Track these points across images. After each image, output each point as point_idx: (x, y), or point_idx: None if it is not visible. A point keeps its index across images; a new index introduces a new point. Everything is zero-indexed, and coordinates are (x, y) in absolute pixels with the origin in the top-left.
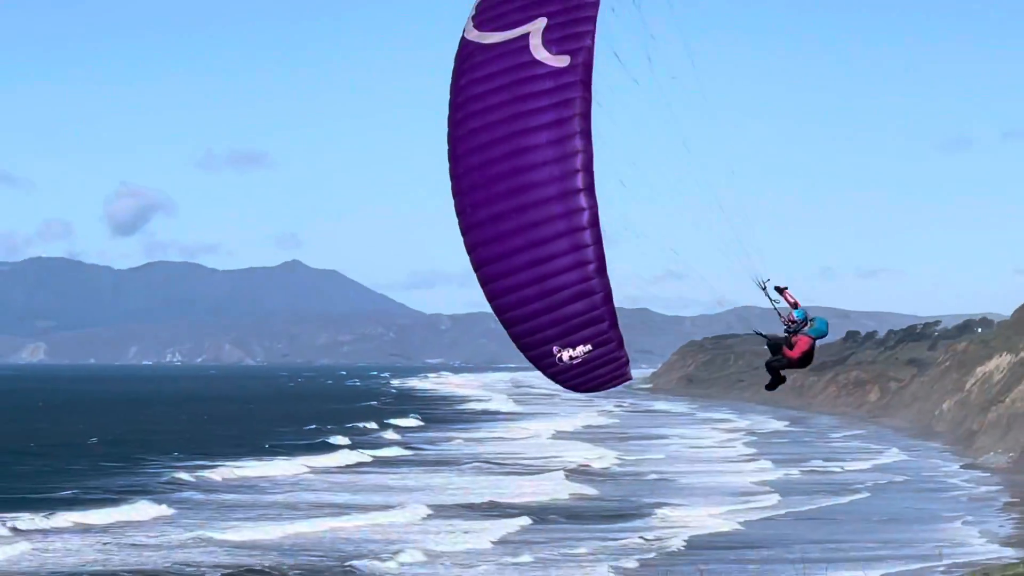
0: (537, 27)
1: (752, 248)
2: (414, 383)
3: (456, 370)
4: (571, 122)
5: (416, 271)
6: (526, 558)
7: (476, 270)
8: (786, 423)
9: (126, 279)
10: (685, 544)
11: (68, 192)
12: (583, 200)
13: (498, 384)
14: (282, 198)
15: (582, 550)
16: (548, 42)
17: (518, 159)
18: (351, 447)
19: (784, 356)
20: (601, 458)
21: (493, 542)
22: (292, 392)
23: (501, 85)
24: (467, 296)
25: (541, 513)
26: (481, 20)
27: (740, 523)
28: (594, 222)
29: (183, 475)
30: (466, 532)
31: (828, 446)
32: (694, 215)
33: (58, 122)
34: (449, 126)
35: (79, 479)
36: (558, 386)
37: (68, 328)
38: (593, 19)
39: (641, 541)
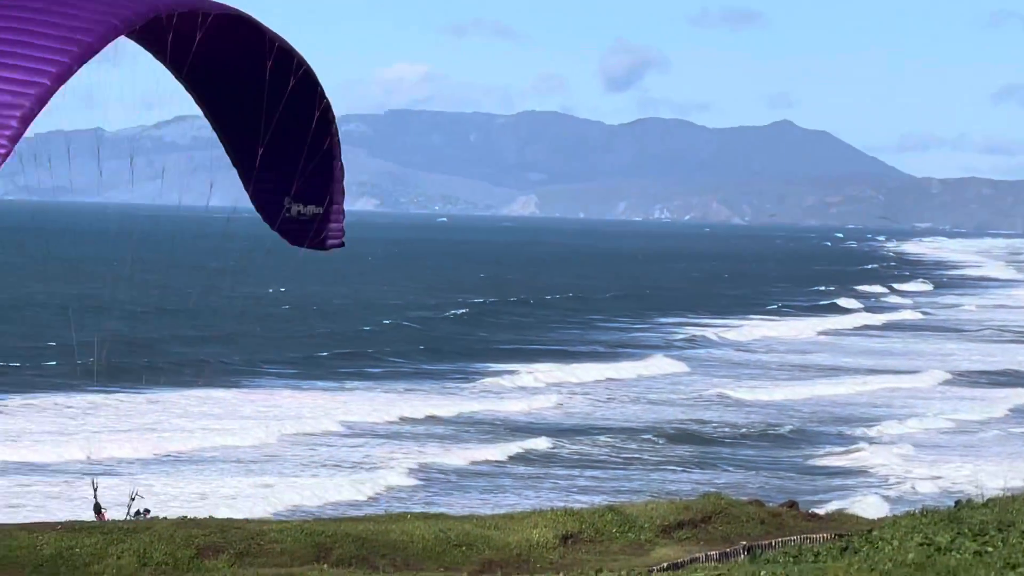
0: None
1: None
2: (908, 247)
3: (949, 235)
4: None
5: (908, 133)
6: None
7: None
8: None
9: (617, 134)
10: None
11: (563, 47)
12: None
13: (993, 250)
14: (775, 57)
15: None
16: None
17: None
18: (861, 310)
19: None
20: None
21: (1009, 411)
22: (790, 253)
23: None
24: (959, 160)
25: None
26: None
27: None
28: None
29: (695, 332)
30: (982, 400)
31: None
32: None
33: None
34: None
35: (595, 331)
36: None
37: (559, 182)
38: None
39: None
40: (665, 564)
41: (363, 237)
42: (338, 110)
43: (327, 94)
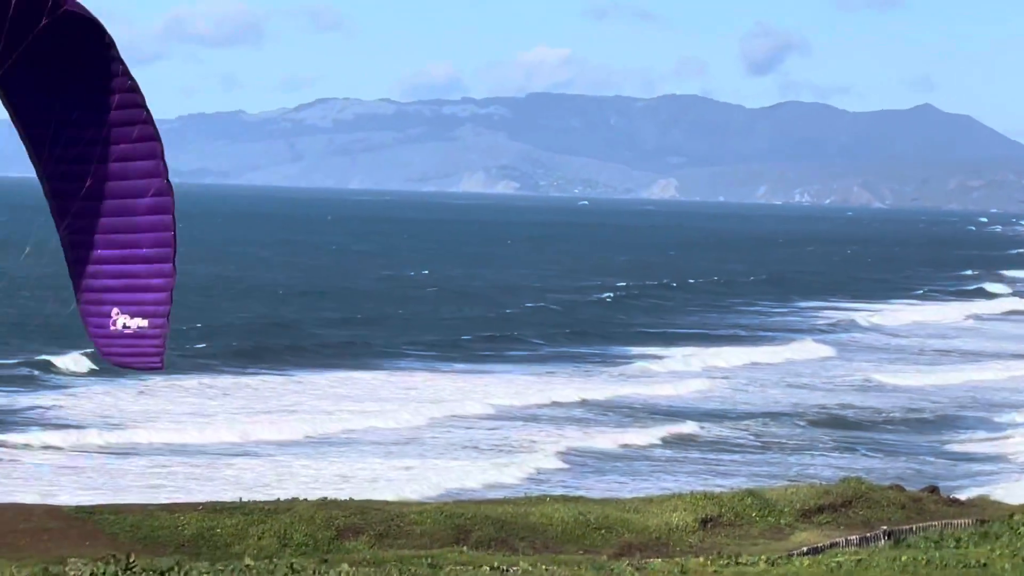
0: None
1: None
2: None
3: None
4: None
5: None
6: None
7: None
8: None
9: (757, 118)
10: None
11: (704, 30)
12: None
13: None
14: (917, 40)
15: None
16: None
17: None
18: (1009, 295)
19: None
20: None
21: None
22: (933, 237)
23: None
24: None
25: None
26: None
27: None
28: None
29: (840, 316)
30: None
31: None
32: None
33: None
34: None
35: (738, 315)
36: None
37: (698, 165)
38: None
39: None
40: (805, 548)
41: (505, 220)
42: (479, 93)
43: (469, 76)
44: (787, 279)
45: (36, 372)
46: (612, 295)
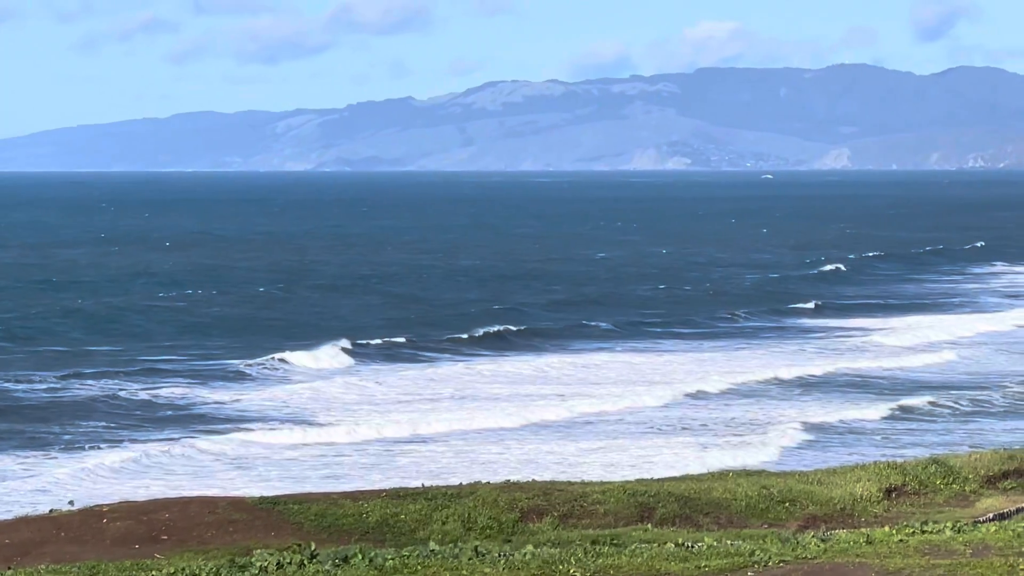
0: None
1: None
2: None
3: None
4: None
5: None
6: None
7: None
8: None
9: (928, 84)
10: None
11: None
12: None
13: None
14: None
15: None
16: None
17: None
18: None
19: None
20: None
21: None
22: None
23: None
24: None
25: None
26: None
27: None
28: None
29: None
30: None
31: None
32: None
33: None
34: None
35: (969, 282)
36: None
37: (870, 134)
38: None
39: None
40: (991, 515)
41: (701, 196)
42: (647, 70)
43: (636, 53)
44: (1008, 246)
45: (278, 365)
46: (841, 267)
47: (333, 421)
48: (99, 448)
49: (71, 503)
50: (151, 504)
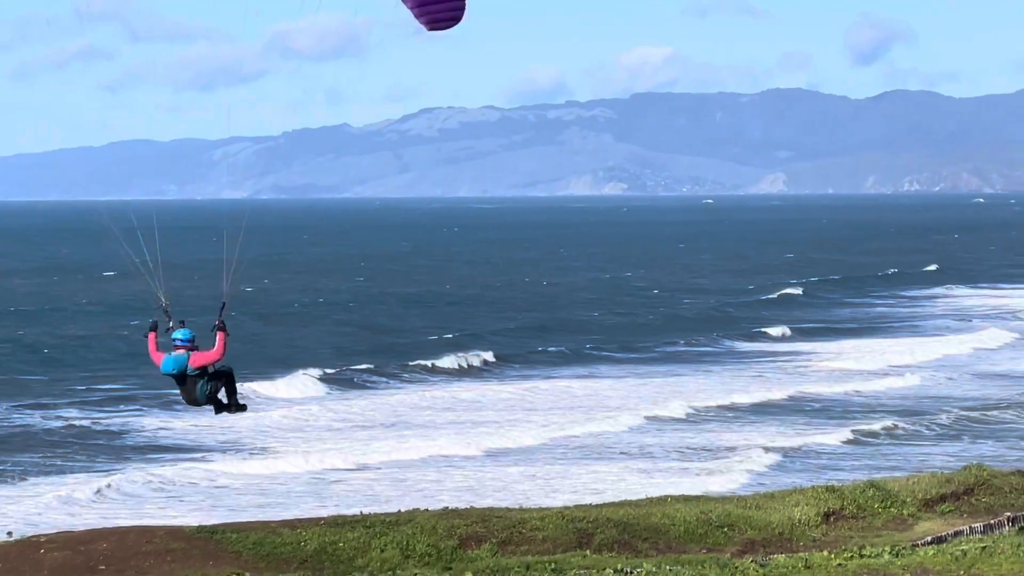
0: None
1: None
2: None
3: None
4: None
5: None
6: None
7: None
8: None
9: (864, 108)
10: None
11: (808, 22)
12: None
13: None
14: (1023, 23)
15: None
16: None
17: None
18: None
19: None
20: None
21: None
22: None
23: None
24: None
25: None
26: None
27: None
28: None
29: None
30: None
31: None
32: None
33: None
34: None
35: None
36: None
37: (806, 158)
38: None
39: None
40: (929, 538)
41: (647, 221)
42: (583, 96)
43: (572, 79)
44: (956, 268)
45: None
46: (790, 293)
47: (271, 449)
48: (37, 479)
49: (9, 534)
50: (88, 534)
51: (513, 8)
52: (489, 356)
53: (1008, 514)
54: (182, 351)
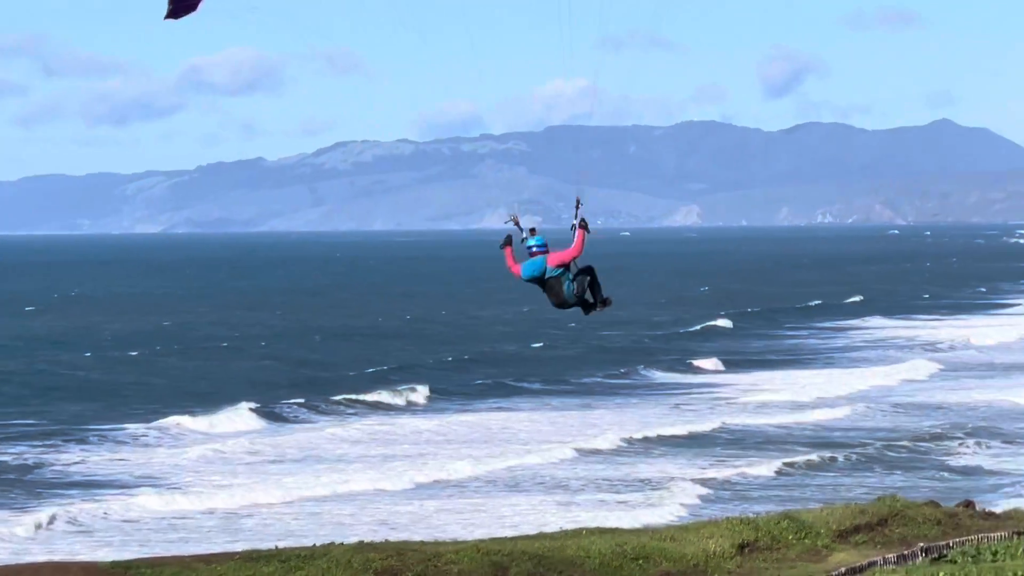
0: None
1: None
2: None
3: None
4: None
5: None
6: None
7: None
8: None
9: (777, 141)
10: None
11: (721, 56)
12: None
13: None
14: (933, 56)
15: None
16: None
17: None
18: None
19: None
20: None
21: None
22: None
23: None
24: None
25: None
26: None
27: None
28: None
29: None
30: None
31: None
32: None
33: None
34: None
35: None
36: None
37: (720, 190)
38: None
39: None
40: (843, 569)
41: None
42: (497, 128)
43: (486, 112)
44: (877, 299)
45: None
46: (716, 323)
47: (186, 484)
48: None
49: None
50: (3, 570)
51: (427, 41)
52: (410, 390)
53: (922, 544)
54: (539, 255)
